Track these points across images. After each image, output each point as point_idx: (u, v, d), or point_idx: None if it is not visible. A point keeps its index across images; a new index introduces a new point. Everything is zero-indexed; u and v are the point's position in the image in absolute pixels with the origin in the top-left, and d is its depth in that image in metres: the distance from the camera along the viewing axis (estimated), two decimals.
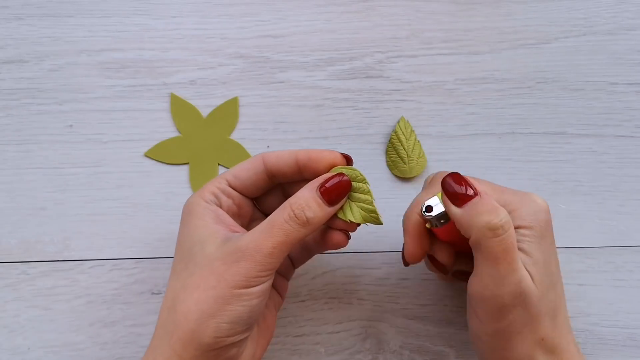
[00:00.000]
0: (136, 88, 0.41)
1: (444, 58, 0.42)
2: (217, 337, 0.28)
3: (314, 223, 0.30)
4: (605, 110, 0.42)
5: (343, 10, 0.43)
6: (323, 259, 0.40)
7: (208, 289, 0.28)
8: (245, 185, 0.33)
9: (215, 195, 0.32)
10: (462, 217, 0.29)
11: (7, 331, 0.38)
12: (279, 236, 0.29)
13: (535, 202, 0.30)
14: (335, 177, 0.30)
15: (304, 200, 0.29)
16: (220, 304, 0.28)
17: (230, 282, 0.28)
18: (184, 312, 0.28)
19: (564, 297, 0.31)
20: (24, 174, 0.40)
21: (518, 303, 0.29)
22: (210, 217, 0.30)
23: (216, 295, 0.28)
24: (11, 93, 0.41)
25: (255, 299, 0.29)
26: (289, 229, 0.29)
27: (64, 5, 0.42)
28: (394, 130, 0.41)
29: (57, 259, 0.39)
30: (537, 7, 0.43)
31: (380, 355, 0.39)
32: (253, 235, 0.29)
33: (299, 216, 0.29)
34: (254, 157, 0.33)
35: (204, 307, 0.28)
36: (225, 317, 0.28)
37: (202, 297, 0.28)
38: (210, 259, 0.29)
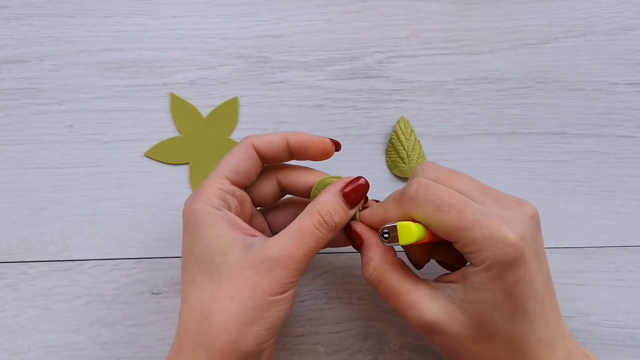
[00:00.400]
0: (136, 88, 0.41)
1: (444, 58, 0.42)
2: (258, 344, 0.29)
3: (340, 227, 0.31)
4: (605, 110, 0.42)
5: (343, 10, 0.43)
6: (323, 259, 0.40)
7: (244, 299, 0.29)
8: (247, 177, 0.32)
9: (222, 198, 0.31)
10: None
11: (7, 331, 0.38)
12: (310, 243, 0.29)
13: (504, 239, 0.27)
14: (355, 180, 0.31)
15: (331, 205, 0.30)
16: (259, 312, 0.29)
17: (267, 291, 0.29)
18: (222, 324, 0.28)
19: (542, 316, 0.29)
20: (24, 174, 0.40)
21: (433, 333, 0.29)
22: (224, 225, 0.30)
23: (254, 305, 0.28)
24: (11, 93, 0.41)
25: (289, 302, 0.30)
26: (319, 235, 0.30)
27: (64, 5, 0.42)
28: (394, 131, 0.41)
29: (57, 259, 0.39)
30: (537, 7, 0.43)
31: (380, 355, 0.39)
32: (283, 242, 0.29)
33: (328, 222, 0.30)
34: (244, 146, 0.32)
35: (243, 318, 0.28)
36: (265, 324, 0.29)
37: (240, 309, 0.28)
38: (240, 269, 0.29)
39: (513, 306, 0.28)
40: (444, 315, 0.28)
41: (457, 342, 0.29)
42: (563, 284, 0.40)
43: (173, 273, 0.39)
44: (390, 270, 0.30)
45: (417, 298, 0.29)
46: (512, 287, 0.27)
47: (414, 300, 0.29)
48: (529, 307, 0.28)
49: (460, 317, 0.28)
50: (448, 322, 0.28)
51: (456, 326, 0.28)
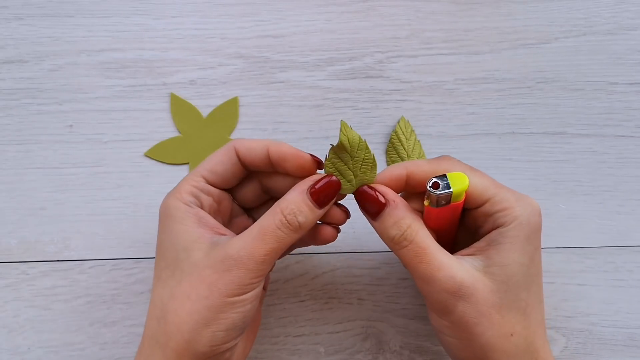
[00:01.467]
0: (136, 88, 0.41)
1: (444, 58, 0.42)
2: (213, 345, 0.28)
3: (306, 227, 0.29)
4: (605, 110, 0.42)
5: (343, 10, 0.43)
6: (323, 259, 0.40)
7: (200, 299, 0.28)
8: (223, 179, 0.31)
9: (195, 196, 0.30)
10: (377, 230, 0.30)
11: (6, 331, 0.38)
12: (271, 243, 0.28)
13: (530, 205, 0.30)
14: (324, 178, 0.30)
15: (295, 204, 0.29)
16: (214, 313, 0.28)
17: (224, 291, 0.28)
18: (177, 323, 0.28)
19: (540, 300, 0.30)
20: (24, 174, 0.40)
21: (459, 297, 0.28)
22: (192, 221, 0.29)
23: (209, 305, 0.28)
24: (11, 93, 0.41)
25: (249, 304, 0.28)
26: (281, 235, 0.28)
27: (64, 5, 0.42)
28: (394, 130, 0.41)
29: (57, 259, 0.39)
30: (537, 7, 0.43)
31: (380, 355, 0.39)
32: (244, 242, 0.28)
33: (291, 222, 0.28)
34: (226, 148, 0.31)
35: (197, 318, 0.28)
36: (220, 325, 0.28)
37: (195, 308, 0.28)
38: (199, 267, 0.28)
39: (533, 273, 0.29)
40: (473, 279, 0.28)
41: (482, 309, 0.28)
42: (563, 284, 0.40)
43: None
44: (423, 229, 0.29)
45: (447, 259, 0.29)
46: (534, 253, 0.29)
47: (444, 261, 0.28)
48: (540, 280, 0.30)
49: (488, 281, 0.28)
50: (477, 285, 0.28)
51: (483, 290, 0.28)
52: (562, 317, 0.39)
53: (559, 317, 0.39)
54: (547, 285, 0.40)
